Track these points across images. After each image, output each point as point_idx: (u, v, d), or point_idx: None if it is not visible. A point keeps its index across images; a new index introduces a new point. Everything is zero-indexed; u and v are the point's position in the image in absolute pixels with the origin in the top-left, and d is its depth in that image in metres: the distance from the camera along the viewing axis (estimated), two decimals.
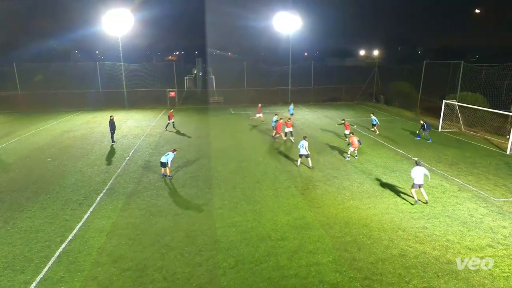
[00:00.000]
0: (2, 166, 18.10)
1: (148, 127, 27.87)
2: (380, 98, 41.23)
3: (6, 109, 36.10)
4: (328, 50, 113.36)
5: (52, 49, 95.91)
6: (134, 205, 13.42)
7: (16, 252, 10.21)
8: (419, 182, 12.96)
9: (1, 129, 27.20)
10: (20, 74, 38.89)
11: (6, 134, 25.06)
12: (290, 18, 39.98)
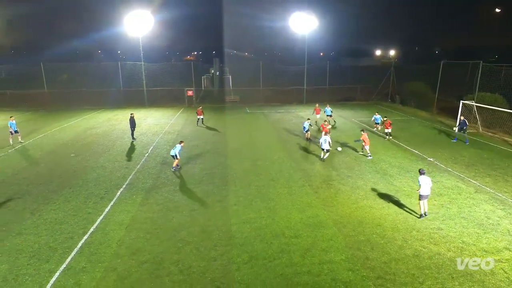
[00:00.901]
0: (30, 161, 18.71)
1: (167, 125, 28.23)
2: (395, 98, 40.43)
3: (33, 106, 37.30)
4: (344, 50, 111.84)
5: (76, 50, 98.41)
6: (152, 200, 13.64)
7: (41, 242, 10.55)
8: (426, 193, 11.76)
9: (29, 125, 28.10)
10: (47, 74, 40.10)
11: (33, 130, 25.89)
12: (306, 18, 39.65)
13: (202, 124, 27.83)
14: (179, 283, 8.75)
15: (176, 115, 33.25)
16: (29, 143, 22.42)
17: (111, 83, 41.87)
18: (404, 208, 12.82)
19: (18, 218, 12.11)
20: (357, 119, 30.84)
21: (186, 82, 42.91)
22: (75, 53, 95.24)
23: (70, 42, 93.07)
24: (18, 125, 22.56)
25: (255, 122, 30.06)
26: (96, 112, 34.66)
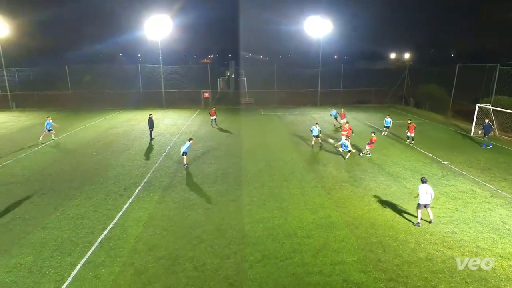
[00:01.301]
0: (54, 158, 19.26)
1: (184, 126, 28.56)
2: (410, 101, 39.65)
3: (58, 106, 38.42)
4: (358, 53, 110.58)
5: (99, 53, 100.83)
6: (169, 198, 13.82)
7: (64, 236, 10.84)
8: (425, 202, 11.24)
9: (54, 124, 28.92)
10: (71, 76, 41.26)
11: (58, 129, 26.65)
12: (321, 22, 39.39)
13: (216, 125, 27.99)
14: (193, 279, 8.83)
15: (192, 116, 33.60)
16: (54, 141, 23.08)
17: (131, 85, 42.71)
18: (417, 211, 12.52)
19: (43, 213, 12.49)
20: (371, 121, 30.40)
21: (202, 84, 43.30)
22: (98, 56, 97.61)
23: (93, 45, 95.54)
24: (44, 125, 23.27)
25: (269, 123, 30.04)
26: (116, 113, 35.39)
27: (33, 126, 28.32)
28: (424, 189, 11.21)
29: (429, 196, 11.24)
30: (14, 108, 38.18)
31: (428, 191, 11.21)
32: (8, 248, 10.15)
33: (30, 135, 24.72)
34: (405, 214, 12.31)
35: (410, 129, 21.99)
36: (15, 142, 22.90)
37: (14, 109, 38.00)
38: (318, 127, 21.24)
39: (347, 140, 19.03)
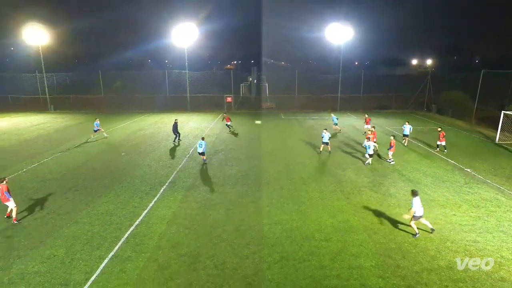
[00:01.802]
0: (87, 158, 20.01)
1: (207, 129, 28.93)
2: (431, 107, 38.36)
3: (92, 109, 39.97)
4: (379, 59, 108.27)
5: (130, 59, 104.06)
6: (191, 198, 14.01)
7: (94, 231, 11.21)
8: (420, 213, 10.78)
9: (87, 126, 30.10)
10: (104, 81, 42.83)
11: (91, 131, 27.67)
12: (341, 29, 38.96)
13: (230, 130, 27.74)
14: (213, 277, 8.89)
15: (215, 120, 33.98)
16: (87, 142, 23.99)
17: (159, 89, 43.84)
18: (438, 218, 12.07)
19: (75, 208, 12.98)
20: (391, 127, 29.65)
21: (225, 89, 43.78)
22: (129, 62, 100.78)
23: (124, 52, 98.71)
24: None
25: (290, 128, 29.91)
26: (144, 116, 36.35)
27: (69, 127, 29.58)
28: (419, 201, 10.75)
29: (422, 207, 10.82)
30: (52, 110, 40.06)
31: (420, 203, 10.80)
32: (44, 240, 10.61)
33: (65, 136, 25.83)
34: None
35: (440, 137, 20.55)
36: (52, 141, 23.99)
37: (52, 111, 39.86)
38: (328, 133, 20.26)
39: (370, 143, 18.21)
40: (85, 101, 42.60)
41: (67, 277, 8.85)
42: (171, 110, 38.84)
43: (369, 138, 18.88)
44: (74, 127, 29.91)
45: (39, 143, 23.48)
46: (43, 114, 37.48)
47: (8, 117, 35.07)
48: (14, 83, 43.37)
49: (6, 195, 11.67)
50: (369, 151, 18.05)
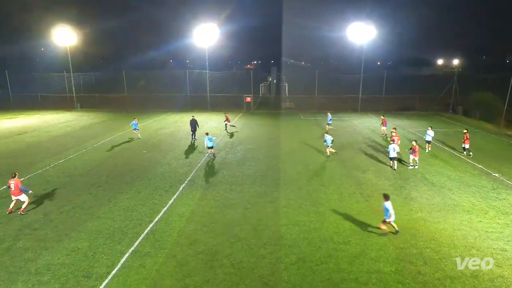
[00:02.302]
0: (110, 155, 20.63)
1: None
2: (458, 109, 36.95)
3: (115, 108, 41.19)
4: (403, 59, 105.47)
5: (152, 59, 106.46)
6: (210, 196, 14.16)
7: (115, 226, 11.55)
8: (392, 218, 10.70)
9: (111, 124, 31.06)
10: (127, 80, 44.01)
11: (114, 129, 28.56)
12: (364, 28, 38.20)
13: (226, 129, 27.22)
14: (230, 276, 8.94)
15: (234, 119, 34.17)
16: (111, 139, 24.72)
17: (180, 89, 44.58)
18: (463, 225, 11.62)
19: (99, 203, 13.41)
20: (415, 129, 28.81)
21: (245, 89, 43.95)
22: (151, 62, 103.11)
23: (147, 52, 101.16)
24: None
25: (309, 128, 29.66)
26: (165, 115, 37.06)
27: (93, 125, 30.62)
28: (391, 205, 10.75)
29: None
30: (79, 108, 41.59)
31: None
32: (69, 233, 11.03)
33: (90, 133, 26.75)
34: (449, 227, 11.46)
35: (465, 139, 19.60)
36: (78, 138, 24.90)
37: (78, 109, 41.39)
38: (330, 136, 19.81)
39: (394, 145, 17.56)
40: (109, 99, 43.92)
41: (90, 269, 9.16)
42: (191, 109, 39.40)
43: (394, 140, 18.40)
44: (99, 125, 30.91)
45: (66, 140, 24.43)
46: (70, 112, 39.00)
47: (38, 115, 36.73)
48: (43, 82, 45.32)
49: (22, 189, 12.25)
50: (391, 154, 17.51)
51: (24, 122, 32.40)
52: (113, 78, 49.78)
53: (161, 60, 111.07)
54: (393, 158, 17.56)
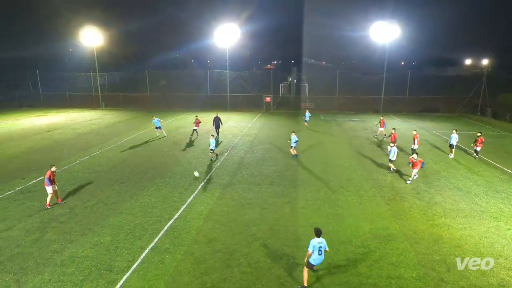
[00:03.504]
0: (131, 152, 21.17)
1: (245, 128, 29.25)
2: (486, 111, 35.38)
3: (138, 107, 42.24)
4: (428, 59, 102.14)
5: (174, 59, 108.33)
6: (228, 195, 14.25)
7: (136, 222, 11.83)
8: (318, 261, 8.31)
9: (134, 122, 31.89)
10: (150, 80, 45.05)
11: (136, 127, 29.28)
12: (387, 27, 37.27)
13: (196, 134, 25.29)
14: (247, 275, 8.96)
15: (254, 119, 34.24)
16: (133, 137, 25.37)
17: (201, 88, 45.15)
18: (490, 232, 11.11)
19: (121, 199, 13.79)
20: (439, 131, 27.84)
21: (265, 89, 43.95)
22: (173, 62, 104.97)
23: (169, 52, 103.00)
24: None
25: (328, 129, 29.27)
26: (185, 114, 37.64)
27: (117, 123, 31.53)
28: (318, 244, 8.18)
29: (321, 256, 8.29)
30: (103, 107, 42.95)
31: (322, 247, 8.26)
32: (92, 227, 11.41)
33: (114, 131, 27.56)
34: (475, 234, 10.99)
35: (478, 142, 19.03)
36: (102, 136, 25.72)
37: (103, 108, 42.75)
38: (296, 136, 19.48)
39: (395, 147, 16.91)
40: (133, 99, 45.10)
41: (111, 263, 9.43)
42: (212, 109, 39.81)
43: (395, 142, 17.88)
44: (122, 123, 31.80)
45: (91, 137, 25.28)
46: (95, 111, 40.36)
47: (65, 113, 38.25)
48: (71, 82, 47.20)
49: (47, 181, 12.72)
50: (391, 156, 16.66)
51: (52, 119, 33.83)
52: (136, 77, 51.12)
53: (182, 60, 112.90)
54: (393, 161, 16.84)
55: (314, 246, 8.16)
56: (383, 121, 25.08)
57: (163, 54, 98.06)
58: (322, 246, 8.26)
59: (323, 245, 8.28)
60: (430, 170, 17.39)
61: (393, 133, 19.96)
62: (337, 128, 29.47)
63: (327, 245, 8.38)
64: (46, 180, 12.76)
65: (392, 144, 17.14)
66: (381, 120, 25.10)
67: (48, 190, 12.83)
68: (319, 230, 8.33)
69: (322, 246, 8.26)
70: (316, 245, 8.18)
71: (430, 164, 18.49)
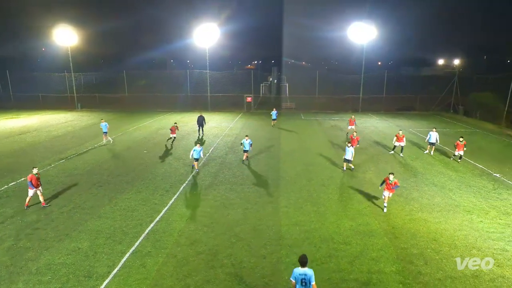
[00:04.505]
0: (110, 155, 20.65)
1: (227, 128, 29.15)
2: (459, 109, 36.94)
3: (116, 108, 41.24)
4: (403, 59, 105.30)
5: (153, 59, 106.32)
6: (210, 196, 14.16)
7: (116, 226, 11.55)
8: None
9: (111, 124, 30.98)
10: (128, 80, 44.09)
11: (115, 129, 28.57)
12: (364, 28, 38.19)
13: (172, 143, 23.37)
14: (230, 276, 8.94)
15: (235, 119, 34.19)
16: (112, 139, 24.72)
17: (180, 88, 44.64)
18: (464, 225, 11.61)
19: (99, 203, 13.42)
20: (415, 129, 28.78)
21: (245, 89, 44.00)
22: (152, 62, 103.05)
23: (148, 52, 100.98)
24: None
25: (309, 128, 29.65)
26: (166, 114, 37.09)
27: (94, 125, 30.65)
28: (300, 276, 6.99)
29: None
30: (79, 108, 41.63)
31: (306, 279, 6.97)
32: (69, 233, 11.04)
33: (90, 133, 26.79)
34: (450, 227, 11.45)
35: (460, 146, 18.40)
36: (79, 138, 24.93)
37: (79, 109, 41.43)
38: (249, 139, 18.72)
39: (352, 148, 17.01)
40: (110, 100, 44.00)
41: (91, 269, 9.16)
42: (192, 109, 39.43)
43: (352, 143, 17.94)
44: (99, 125, 30.91)
45: (67, 140, 24.45)
46: (71, 112, 39.04)
47: (39, 115, 36.80)
48: (45, 82, 45.44)
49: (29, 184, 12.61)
50: (347, 155, 16.87)
51: (25, 122, 32.45)
52: (113, 78, 49.93)
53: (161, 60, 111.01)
54: (348, 160, 17.02)
55: (296, 277, 6.98)
56: (351, 119, 25.30)
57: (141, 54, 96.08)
58: (305, 278, 6.91)
59: (306, 277, 6.90)
60: (407, 167, 17.95)
61: (353, 137, 19.57)
62: (318, 127, 29.90)
63: (313, 278, 6.96)
64: (29, 183, 12.56)
65: (350, 145, 17.01)
66: (350, 119, 25.37)
67: (30, 193, 12.68)
68: (303, 259, 6.98)
69: (305, 278, 6.91)
70: (298, 276, 6.94)
71: (407, 160, 19.09)
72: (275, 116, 30.06)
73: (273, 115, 30.10)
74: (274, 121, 30.08)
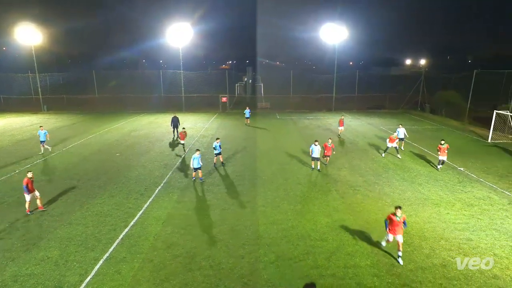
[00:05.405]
0: (80, 158, 19.83)
1: (202, 129, 28.85)
2: (425, 107, 38.72)
3: (85, 109, 39.65)
4: (373, 59, 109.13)
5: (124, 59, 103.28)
6: (187, 198, 13.96)
7: (88, 232, 11.11)
8: None
9: (81, 126, 29.86)
10: (98, 81, 42.53)
11: (84, 131, 27.48)
12: (336, 29, 39.11)
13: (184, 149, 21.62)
14: (209, 278, 8.86)
15: (210, 120, 33.91)
16: (81, 142, 23.76)
17: (154, 89, 43.67)
18: (432, 217, 12.18)
19: (70, 209, 12.86)
20: (385, 127, 29.84)
21: (220, 89, 43.75)
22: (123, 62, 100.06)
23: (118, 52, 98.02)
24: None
25: (285, 127, 29.96)
26: (139, 116, 36.13)
27: (62, 128, 29.31)
28: None
29: None
30: (45, 110, 39.63)
31: None
32: (37, 242, 10.49)
33: (59, 136, 25.58)
34: (420, 220, 11.98)
35: (443, 150, 17.23)
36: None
37: (45, 111, 39.44)
38: (219, 142, 17.65)
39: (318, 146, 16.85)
40: (79, 101, 42.26)
41: (61, 279, 8.76)
42: (166, 110, 38.67)
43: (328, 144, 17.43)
44: (67, 128, 29.64)
45: (32, 144, 23.20)
46: (36, 115, 37.07)
47: (1, 118, 34.64)
48: (6, 83, 42.87)
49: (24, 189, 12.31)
50: (314, 154, 16.82)
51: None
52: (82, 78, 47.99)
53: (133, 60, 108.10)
54: (316, 158, 17.09)
55: None
56: (341, 120, 25.72)
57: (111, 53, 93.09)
58: None
59: None
60: (379, 163, 18.58)
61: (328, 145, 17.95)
62: (293, 127, 30.27)
63: None
64: (24, 188, 12.14)
65: (316, 144, 16.87)
66: (339, 120, 25.82)
67: (27, 198, 12.26)
68: None
69: None
70: None
71: (379, 157, 19.75)
72: (248, 114, 30.42)
73: (246, 113, 30.45)
74: (247, 119, 30.44)
